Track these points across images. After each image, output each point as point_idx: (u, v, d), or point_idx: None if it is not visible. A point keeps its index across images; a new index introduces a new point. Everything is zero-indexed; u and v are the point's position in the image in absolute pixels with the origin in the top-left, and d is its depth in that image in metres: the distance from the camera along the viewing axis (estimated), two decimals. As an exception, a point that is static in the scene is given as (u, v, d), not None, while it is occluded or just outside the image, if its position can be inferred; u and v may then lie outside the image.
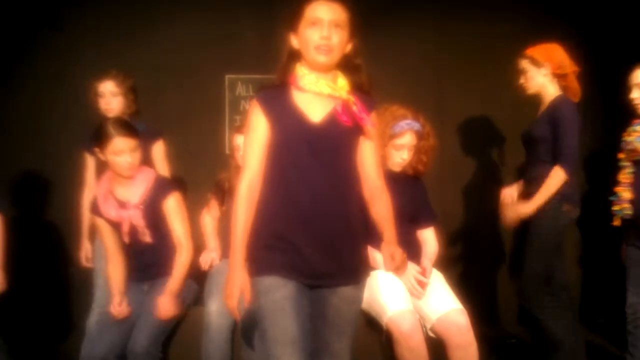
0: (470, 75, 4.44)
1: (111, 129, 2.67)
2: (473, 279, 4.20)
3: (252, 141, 1.96)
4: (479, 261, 4.40)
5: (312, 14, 1.90)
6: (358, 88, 2.00)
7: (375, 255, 2.57)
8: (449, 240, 3.03)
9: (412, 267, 2.66)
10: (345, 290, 1.98)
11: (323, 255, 1.92)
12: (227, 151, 4.05)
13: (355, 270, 2.01)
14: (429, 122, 2.85)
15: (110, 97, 3.23)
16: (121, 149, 2.66)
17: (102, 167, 2.96)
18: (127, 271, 2.82)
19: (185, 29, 4.35)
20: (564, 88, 3.16)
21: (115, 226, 2.78)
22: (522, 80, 3.21)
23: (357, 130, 1.97)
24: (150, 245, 2.78)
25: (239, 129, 3.09)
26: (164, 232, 2.78)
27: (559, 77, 3.15)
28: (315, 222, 1.91)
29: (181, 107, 4.24)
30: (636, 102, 3.05)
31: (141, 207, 2.74)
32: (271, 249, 1.92)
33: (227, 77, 4.42)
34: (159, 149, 3.35)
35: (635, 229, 3.02)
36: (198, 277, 2.91)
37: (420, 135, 2.78)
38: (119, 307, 2.71)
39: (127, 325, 2.70)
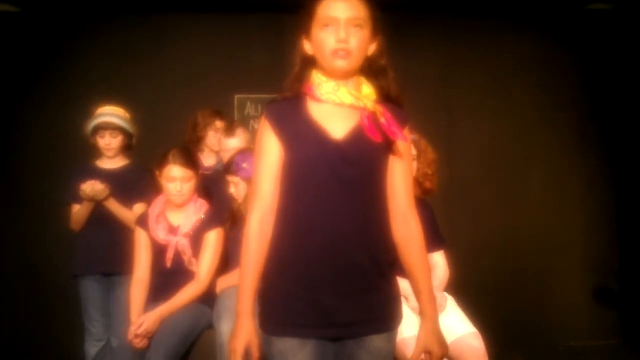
0: (479, 98, 4.45)
1: (170, 156, 2.76)
2: (484, 301, 4.14)
3: (263, 165, 1.65)
4: (489, 284, 4.37)
5: (326, 12, 1.61)
6: (386, 96, 1.69)
7: (401, 284, 2.38)
8: (459, 264, 2.96)
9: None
10: (375, 341, 1.67)
11: (348, 301, 1.62)
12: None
13: (385, 316, 1.70)
14: (436, 145, 2.85)
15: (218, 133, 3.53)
16: (174, 176, 2.76)
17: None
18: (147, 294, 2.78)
19: (195, 48, 4.38)
20: None
21: (159, 248, 2.79)
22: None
23: (387, 147, 1.66)
24: (192, 273, 2.77)
25: (228, 130, 3.36)
26: None
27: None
28: (338, 262, 1.60)
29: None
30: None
31: (189, 235, 2.78)
32: (286, 297, 1.62)
33: (236, 97, 4.42)
34: None
35: None
36: (210, 302, 2.86)
37: (417, 147, 2.76)
38: (137, 332, 2.59)
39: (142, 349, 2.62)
